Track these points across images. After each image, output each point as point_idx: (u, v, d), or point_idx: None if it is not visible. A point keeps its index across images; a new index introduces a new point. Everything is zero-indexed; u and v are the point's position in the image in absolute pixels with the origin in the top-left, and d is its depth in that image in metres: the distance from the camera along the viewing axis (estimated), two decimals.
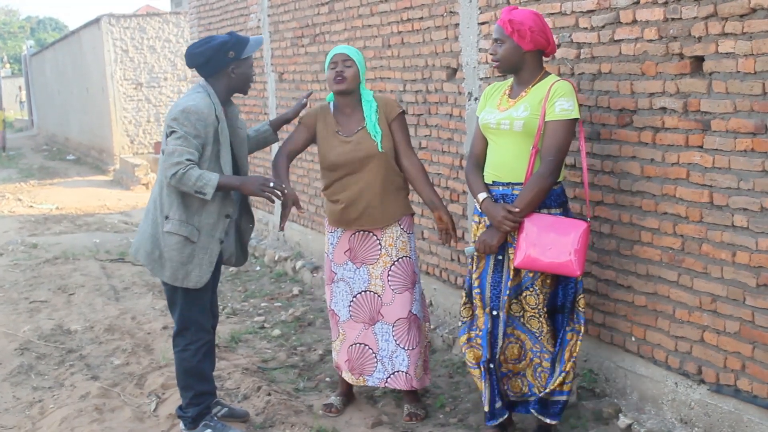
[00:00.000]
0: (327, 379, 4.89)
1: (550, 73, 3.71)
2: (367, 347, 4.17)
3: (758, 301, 3.25)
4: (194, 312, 3.96)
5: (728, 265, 3.37)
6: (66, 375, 5.24)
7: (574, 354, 3.70)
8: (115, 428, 4.34)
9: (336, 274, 4.22)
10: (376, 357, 4.16)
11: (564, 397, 3.72)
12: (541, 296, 3.65)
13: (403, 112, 4.15)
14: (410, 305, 4.12)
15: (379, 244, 4.11)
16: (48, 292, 7.37)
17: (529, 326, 3.71)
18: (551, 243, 3.50)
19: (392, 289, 4.10)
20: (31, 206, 13.82)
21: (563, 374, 3.67)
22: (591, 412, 4.00)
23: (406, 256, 4.13)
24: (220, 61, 3.87)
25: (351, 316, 4.19)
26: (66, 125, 24.87)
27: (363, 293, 4.15)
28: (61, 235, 10.48)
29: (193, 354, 3.98)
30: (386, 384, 4.17)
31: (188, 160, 3.72)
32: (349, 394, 4.45)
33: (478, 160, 3.83)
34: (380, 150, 4.02)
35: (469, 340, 3.82)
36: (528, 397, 3.81)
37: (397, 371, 4.13)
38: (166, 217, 3.83)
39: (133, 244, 4.01)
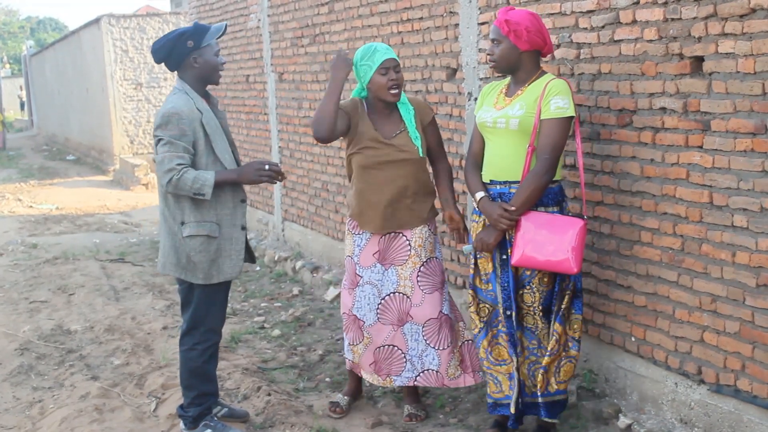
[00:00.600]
0: (327, 379, 4.89)
1: (547, 72, 3.72)
2: (396, 348, 4.13)
3: (758, 301, 3.25)
4: (208, 312, 3.96)
5: (728, 265, 3.37)
6: (66, 375, 5.24)
7: (553, 348, 3.68)
8: (115, 428, 4.34)
9: (362, 277, 4.17)
10: (405, 357, 4.13)
11: (562, 396, 3.74)
12: (537, 294, 3.66)
13: (435, 115, 4.18)
14: (440, 305, 4.10)
15: (409, 245, 4.08)
16: (48, 292, 7.37)
17: (524, 323, 3.72)
18: (548, 241, 3.51)
19: (422, 290, 4.08)
20: (31, 206, 13.82)
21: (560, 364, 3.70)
22: (591, 412, 4.00)
23: (434, 257, 4.13)
24: (181, 53, 3.86)
25: (378, 318, 4.14)
26: (66, 125, 24.87)
27: (392, 295, 4.11)
28: (61, 236, 10.49)
29: (200, 354, 3.98)
30: (415, 382, 4.15)
31: (179, 164, 3.72)
32: (356, 395, 4.41)
33: (476, 159, 3.85)
34: (420, 155, 4.04)
35: (494, 337, 3.78)
36: (530, 399, 3.79)
37: (428, 370, 4.10)
38: (182, 223, 3.84)
39: (159, 263, 4.01)
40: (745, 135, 3.23)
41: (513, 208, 3.56)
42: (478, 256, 3.78)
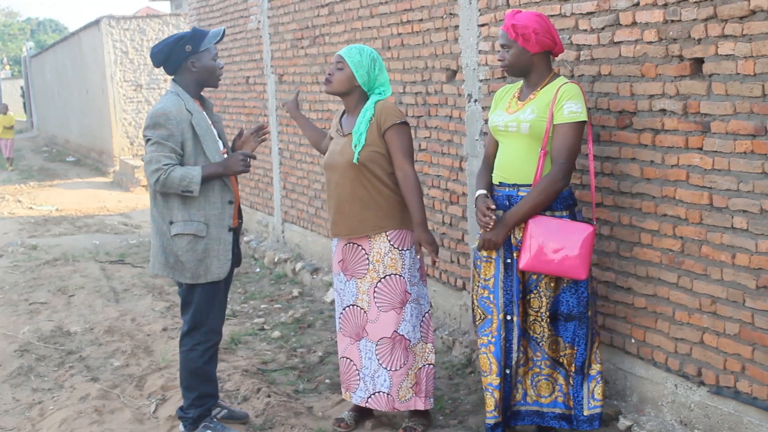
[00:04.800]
0: (327, 380, 4.89)
1: (560, 75, 3.71)
2: (352, 362, 4.06)
3: (758, 302, 3.25)
4: (209, 311, 3.97)
5: (728, 266, 3.37)
6: (66, 377, 5.24)
7: (599, 358, 3.72)
8: (115, 430, 4.34)
9: (334, 283, 4.16)
10: (359, 374, 4.03)
11: (599, 410, 3.71)
12: (544, 299, 3.64)
13: (403, 123, 3.89)
14: (396, 325, 3.93)
15: (367, 258, 3.94)
16: (48, 293, 7.37)
17: (531, 331, 3.69)
18: (557, 246, 3.50)
19: (378, 307, 3.93)
20: (30, 208, 13.83)
21: (594, 381, 3.70)
22: None
23: (395, 274, 3.91)
24: (179, 56, 3.89)
25: (341, 328, 4.10)
26: (66, 127, 24.89)
27: (350, 307, 4.02)
28: (60, 237, 10.49)
29: (200, 355, 3.99)
30: (367, 404, 4.03)
31: (166, 164, 3.76)
32: (362, 410, 4.20)
33: (489, 161, 3.85)
34: (354, 161, 3.85)
35: (482, 345, 3.75)
36: (521, 406, 3.76)
37: (379, 392, 3.98)
38: (171, 222, 3.86)
39: (150, 263, 4.03)
40: (745, 137, 3.23)
41: (492, 209, 3.57)
42: (479, 257, 3.77)
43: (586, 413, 3.69)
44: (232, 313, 6.41)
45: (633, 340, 3.91)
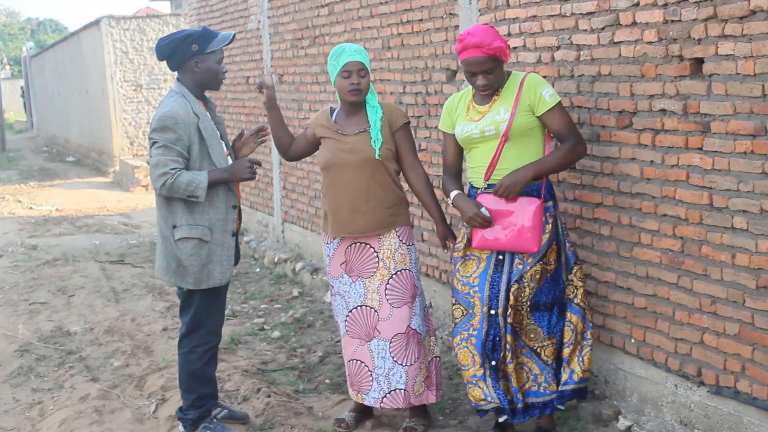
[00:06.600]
0: (327, 381, 4.89)
1: (511, 71, 3.79)
2: (363, 364, 4.03)
3: (758, 302, 3.25)
4: (209, 314, 3.97)
5: (728, 267, 3.37)
6: (66, 377, 5.24)
7: (570, 338, 3.75)
8: (115, 430, 4.34)
9: (333, 287, 4.12)
10: (371, 375, 4.01)
11: (586, 384, 3.78)
12: (527, 290, 3.68)
13: (409, 122, 4.03)
14: (409, 320, 3.96)
15: (377, 256, 3.97)
16: (48, 293, 7.37)
17: (512, 323, 3.71)
18: (507, 222, 3.60)
19: (390, 304, 3.95)
20: (30, 208, 13.82)
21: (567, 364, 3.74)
22: (590, 413, 4.00)
23: (405, 269, 3.98)
24: (184, 54, 3.86)
25: (347, 331, 4.07)
26: (66, 127, 24.87)
27: (359, 308, 4.01)
28: (60, 237, 10.49)
29: (200, 357, 3.98)
30: (382, 404, 4.01)
31: (173, 168, 3.74)
32: (363, 411, 4.22)
33: (453, 170, 3.92)
34: (377, 157, 3.90)
35: (462, 340, 3.77)
36: (516, 404, 3.77)
37: (395, 389, 3.97)
38: (174, 226, 3.84)
39: (156, 266, 4.03)
40: (745, 137, 3.23)
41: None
42: (458, 258, 3.80)
43: (570, 387, 3.73)
44: (232, 313, 6.41)
45: (633, 340, 3.91)
